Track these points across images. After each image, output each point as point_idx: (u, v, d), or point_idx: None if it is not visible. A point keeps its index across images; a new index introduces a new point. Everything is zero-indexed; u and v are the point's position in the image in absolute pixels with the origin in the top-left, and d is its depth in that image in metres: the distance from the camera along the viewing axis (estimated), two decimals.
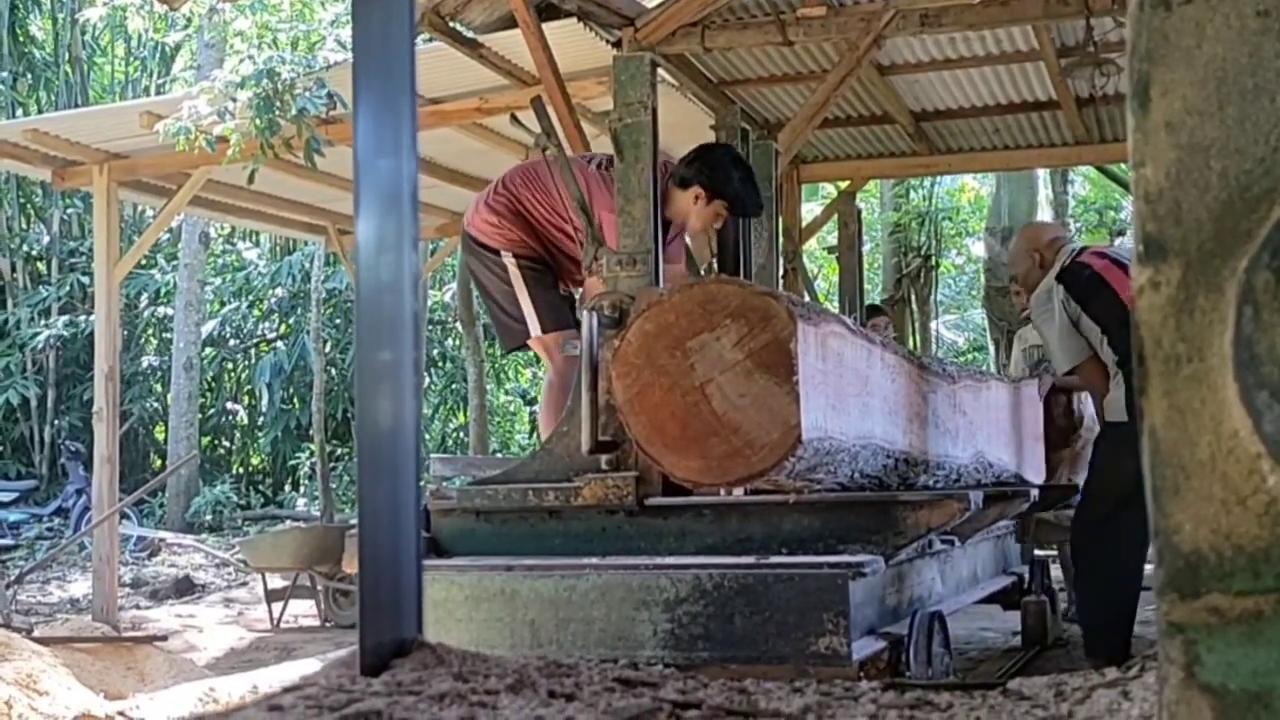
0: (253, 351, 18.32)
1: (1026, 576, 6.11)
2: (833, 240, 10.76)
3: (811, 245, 13.54)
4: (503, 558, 3.79)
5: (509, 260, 4.74)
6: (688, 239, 4.86)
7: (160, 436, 17.54)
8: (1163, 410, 0.94)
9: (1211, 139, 0.94)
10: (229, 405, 18.56)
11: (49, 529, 13.72)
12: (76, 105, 15.95)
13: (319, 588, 8.22)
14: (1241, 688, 0.91)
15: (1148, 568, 5.27)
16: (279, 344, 17.59)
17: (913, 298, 13.34)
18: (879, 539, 3.64)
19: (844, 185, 9.91)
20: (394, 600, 1.41)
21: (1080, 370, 4.90)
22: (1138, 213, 0.97)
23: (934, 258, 14.22)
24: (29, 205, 17.36)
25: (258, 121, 7.10)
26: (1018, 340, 7.52)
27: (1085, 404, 5.84)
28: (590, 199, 4.28)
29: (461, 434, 16.58)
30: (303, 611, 8.56)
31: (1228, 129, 0.94)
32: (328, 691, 1.14)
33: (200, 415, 16.54)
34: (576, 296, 4.94)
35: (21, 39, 17.12)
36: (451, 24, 6.26)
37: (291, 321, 17.45)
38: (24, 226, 17.22)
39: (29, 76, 17.12)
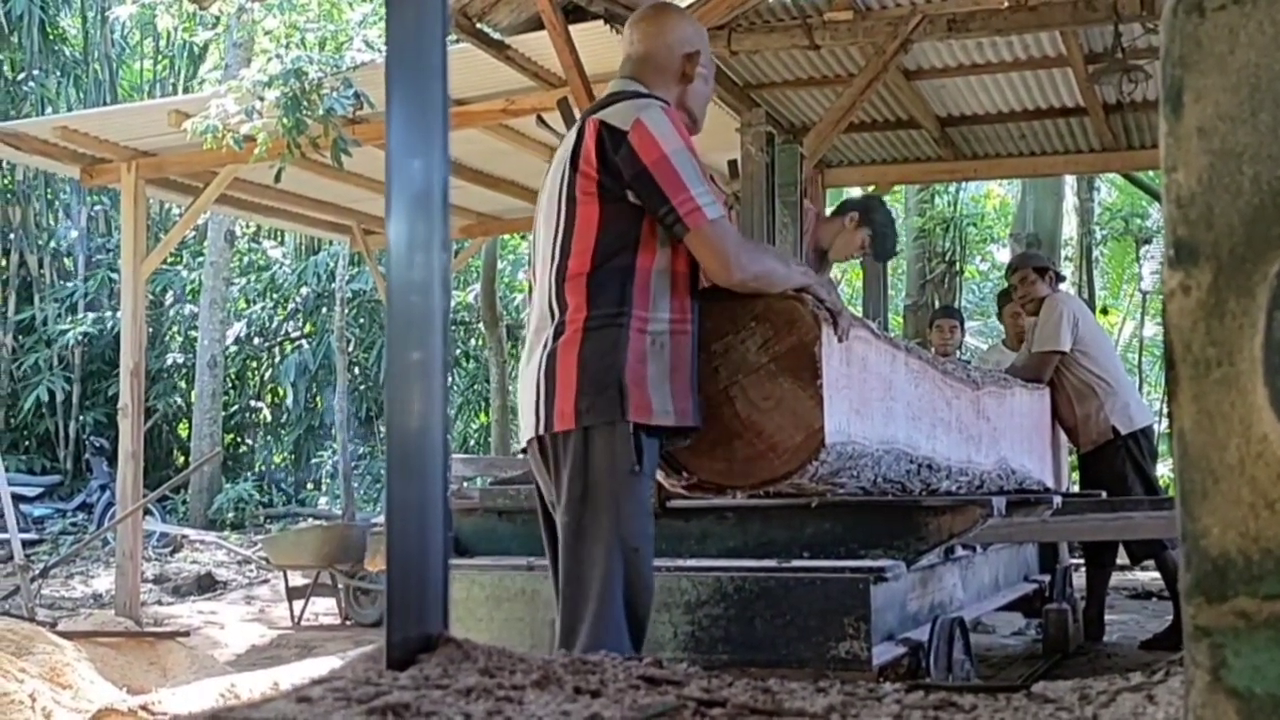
0: (277, 350, 18.39)
1: (1048, 584, 6.09)
2: None
3: None
4: (524, 557, 3.80)
5: None
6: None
7: (184, 433, 17.62)
8: (1192, 414, 0.95)
9: (1244, 145, 0.95)
10: (253, 403, 18.65)
11: (73, 524, 13.81)
12: (105, 103, 16.04)
13: (340, 586, 8.25)
14: (1268, 692, 0.91)
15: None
16: (303, 343, 17.65)
17: (936, 303, 13.32)
18: (901, 544, 3.64)
19: (869, 190, 9.88)
20: (420, 596, 1.42)
21: None
22: (1169, 217, 0.97)
23: (958, 263, 14.20)
24: (56, 202, 17.47)
25: (285, 121, 7.13)
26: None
27: None
28: None
29: (484, 434, 16.61)
30: (324, 609, 8.60)
31: (1260, 135, 0.94)
32: (355, 684, 1.15)
33: (224, 413, 16.60)
34: None
35: (52, 36, 17.23)
36: (478, 25, 6.27)
37: (316, 321, 17.51)
38: (51, 223, 17.33)
39: (59, 74, 17.23)
